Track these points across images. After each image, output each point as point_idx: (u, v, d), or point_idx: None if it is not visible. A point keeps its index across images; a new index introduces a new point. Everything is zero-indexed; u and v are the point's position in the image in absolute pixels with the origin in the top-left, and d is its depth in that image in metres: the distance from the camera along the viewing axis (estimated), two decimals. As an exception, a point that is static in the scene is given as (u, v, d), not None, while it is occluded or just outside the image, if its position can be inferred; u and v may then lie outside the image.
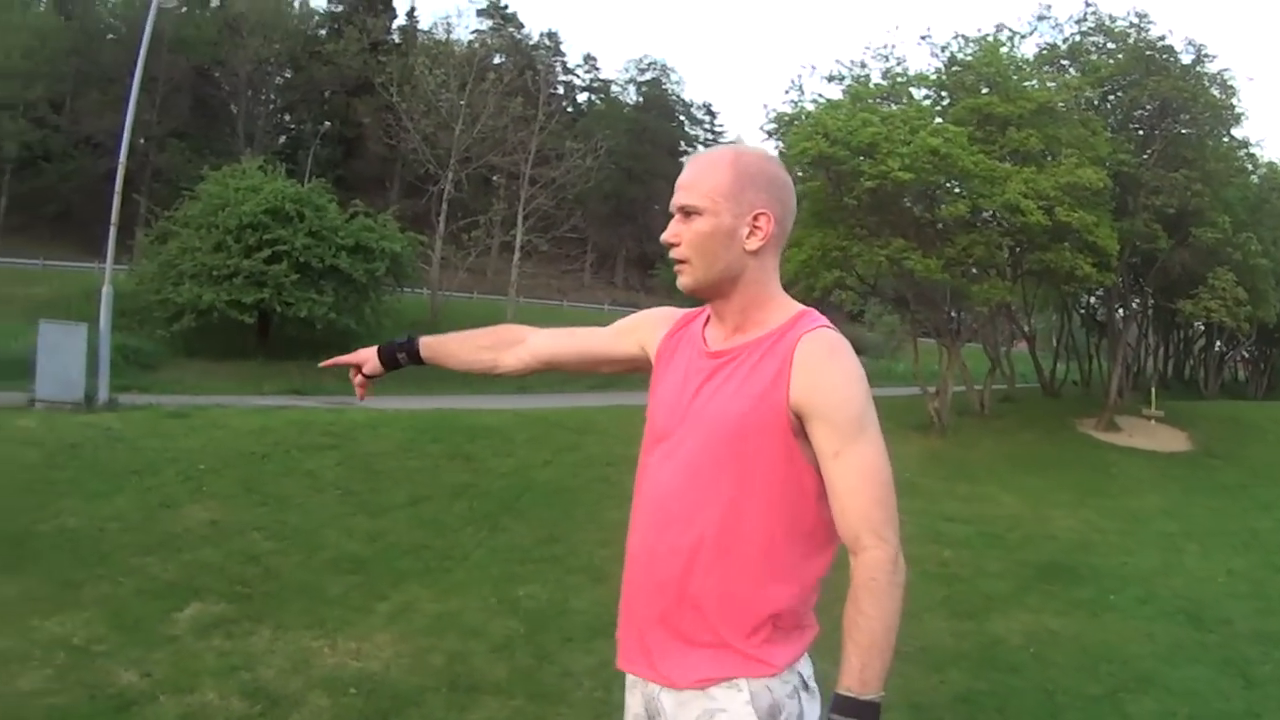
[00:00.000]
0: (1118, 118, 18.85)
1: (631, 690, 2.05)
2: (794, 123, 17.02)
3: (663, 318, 2.23)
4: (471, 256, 35.01)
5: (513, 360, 2.40)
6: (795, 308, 2.01)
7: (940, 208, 16.51)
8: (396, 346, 2.49)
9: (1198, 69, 17.76)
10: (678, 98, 63.82)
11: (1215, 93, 17.74)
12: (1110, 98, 18.91)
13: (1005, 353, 22.61)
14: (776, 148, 17.70)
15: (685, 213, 1.99)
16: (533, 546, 8.52)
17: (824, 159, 15.35)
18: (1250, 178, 20.31)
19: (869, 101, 16.98)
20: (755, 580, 1.88)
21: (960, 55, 17.57)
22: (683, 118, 64.20)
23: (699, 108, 65.53)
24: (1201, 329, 28.89)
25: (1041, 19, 22.39)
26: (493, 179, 37.58)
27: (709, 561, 1.90)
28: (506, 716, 5.22)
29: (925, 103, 17.64)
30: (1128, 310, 22.57)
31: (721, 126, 65.72)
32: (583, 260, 50.22)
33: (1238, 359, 35.64)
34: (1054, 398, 22.66)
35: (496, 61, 39.95)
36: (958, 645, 6.63)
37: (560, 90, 52.12)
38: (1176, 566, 9.68)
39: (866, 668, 1.75)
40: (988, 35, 17.71)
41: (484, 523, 9.11)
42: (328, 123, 48.73)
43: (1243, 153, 19.59)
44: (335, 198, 26.89)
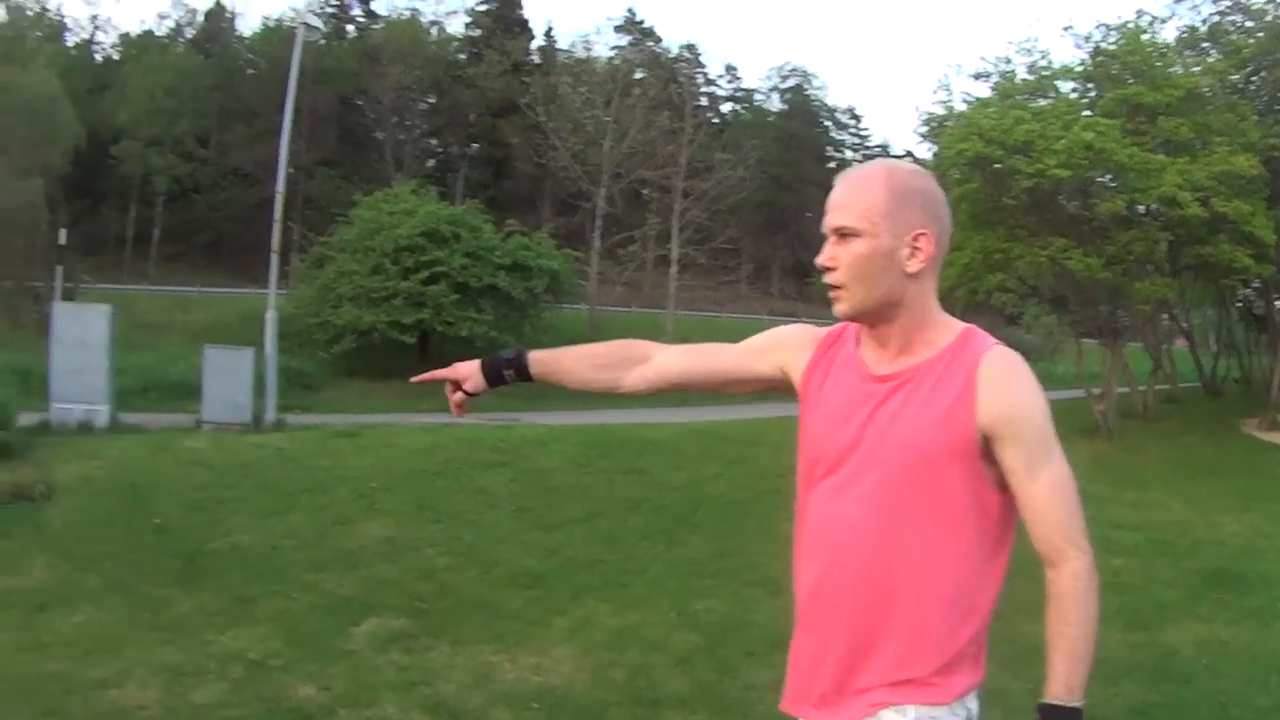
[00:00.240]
0: (1263, 100, 18.18)
1: None
2: (945, 124, 17.16)
3: (804, 339, 2.12)
4: (627, 271, 35.43)
5: (636, 380, 2.24)
6: (959, 326, 1.96)
7: (1097, 204, 16.30)
8: (503, 362, 2.29)
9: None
10: (821, 103, 63.46)
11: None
12: (1254, 79, 18.29)
13: (1166, 351, 22.39)
14: (930, 150, 18.02)
15: (841, 235, 1.92)
16: (708, 560, 8.50)
17: (980, 160, 15.32)
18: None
19: (1016, 98, 16.92)
20: (947, 615, 1.86)
21: (1104, 45, 17.32)
22: (828, 123, 63.79)
23: (843, 112, 65.28)
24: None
25: (1178, 0, 21.89)
26: (643, 193, 37.92)
27: (905, 599, 1.85)
28: (690, 731, 5.18)
29: (1072, 95, 17.56)
30: (1287, 302, 21.95)
31: (866, 130, 65.45)
32: (739, 271, 50.06)
33: None
34: (1216, 397, 22.27)
35: (638, 76, 40.56)
36: (1132, 656, 6.39)
37: (704, 102, 52.35)
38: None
39: (1072, 675, 1.78)
40: (1129, 22, 17.43)
41: (659, 536, 9.13)
42: (475, 145, 50.20)
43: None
44: (490, 218, 27.56)
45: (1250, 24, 17.96)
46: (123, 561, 7.67)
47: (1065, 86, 17.73)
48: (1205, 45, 18.45)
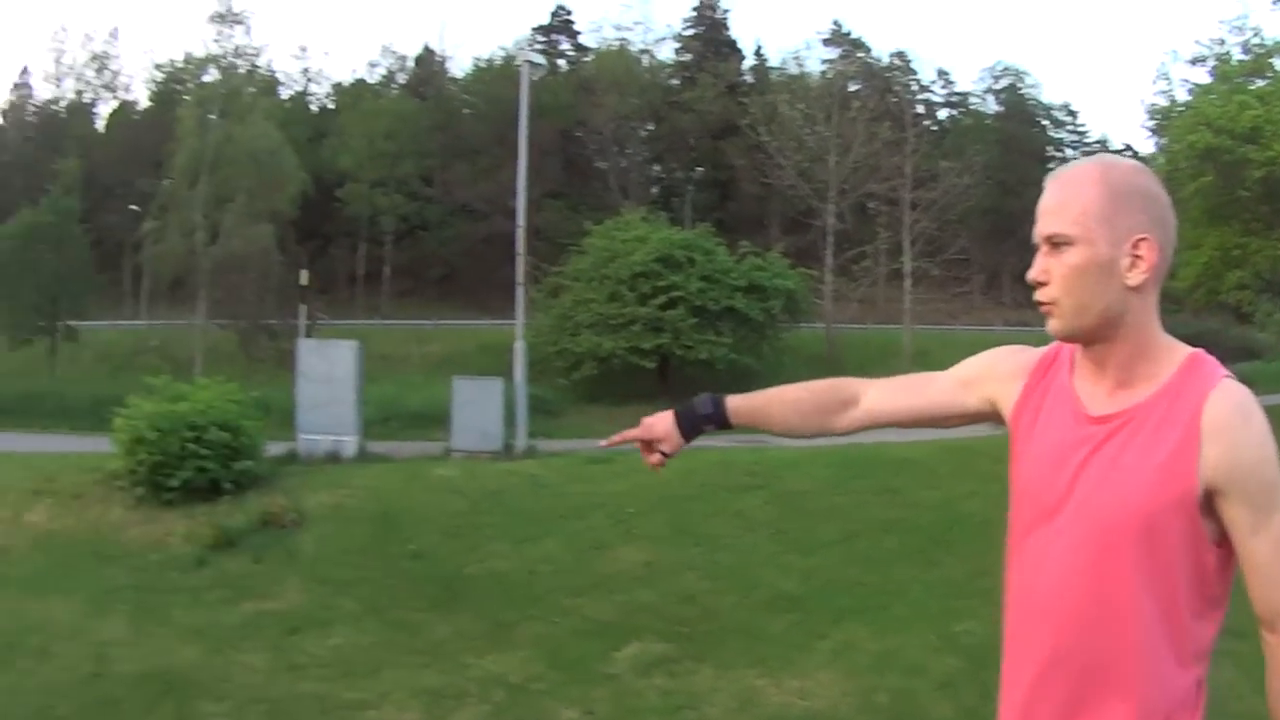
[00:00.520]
0: None
1: None
2: (1170, 115, 16.82)
3: (1015, 368, 1.96)
4: (861, 287, 35.16)
5: (845, 424, 2.15)
6: (1183, 351, 1.76)
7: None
8: (701, 418, 2.17)
9: None
10: (1037, 102, 61.79)
11: None
12: None
13: None
14: (1156, 144, 17.71)
15: (1052, 243, 1.75)
16: (966, 580, 8.24)
17: (1211, 151, 14.76)
18: None
19: (1235, 81, 16.32)
20: (1164, 679, 1.71)
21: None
22: (1045, 122, 61.96)
23: (1059, 109, 63.11)
24: None
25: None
26: (869, 206, 37.61)
27: (1126, 668, 1.71)
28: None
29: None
30: None
31: (1084, 126, 62.90)
32: (971, 282, 48.80)
33: None
34: None
35: (853, 88, 40.63)
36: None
37: (920, 110, 51.52)
38: None
39: None
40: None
41: (917, 557, 8.98)
42: (699, 168, 50.96)
43: None
44: (722, 240, 27.91)
45: None
46: (378, 586, 7.92)
47: (1281, 64, 17.08)
48: None
